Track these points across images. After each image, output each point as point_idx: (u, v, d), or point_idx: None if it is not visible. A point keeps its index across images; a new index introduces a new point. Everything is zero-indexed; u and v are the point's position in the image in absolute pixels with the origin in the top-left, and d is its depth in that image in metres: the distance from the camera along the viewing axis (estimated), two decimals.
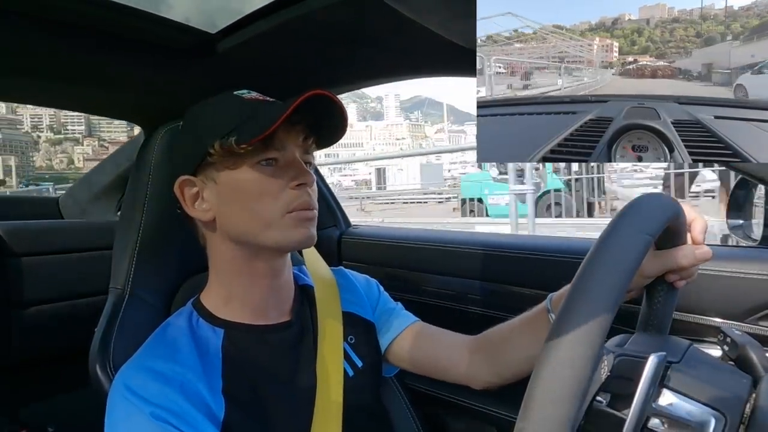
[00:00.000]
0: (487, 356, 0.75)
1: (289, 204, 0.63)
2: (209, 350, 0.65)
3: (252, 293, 0.69)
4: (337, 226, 1.41)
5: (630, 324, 0.59)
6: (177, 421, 0.57)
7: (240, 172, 0.63)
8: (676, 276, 0.58)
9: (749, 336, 0.51)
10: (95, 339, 0.73)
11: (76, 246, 1.38)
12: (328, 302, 0.78)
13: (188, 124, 0.69)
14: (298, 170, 0.64)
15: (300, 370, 0.70)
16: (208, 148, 0.62)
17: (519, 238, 1.12)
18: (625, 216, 0.43)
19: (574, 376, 0.36)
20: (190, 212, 0.67)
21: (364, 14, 0.74)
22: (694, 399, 0.42)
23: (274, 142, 0.63)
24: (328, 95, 0.62)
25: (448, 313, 1.12)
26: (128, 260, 0.79)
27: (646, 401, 0.41)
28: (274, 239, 0.64)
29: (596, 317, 0.37)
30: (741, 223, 0.88)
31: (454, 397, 1.09)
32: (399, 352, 0.81)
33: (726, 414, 0.41)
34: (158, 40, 0.83)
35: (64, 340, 1.32)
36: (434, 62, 0.90)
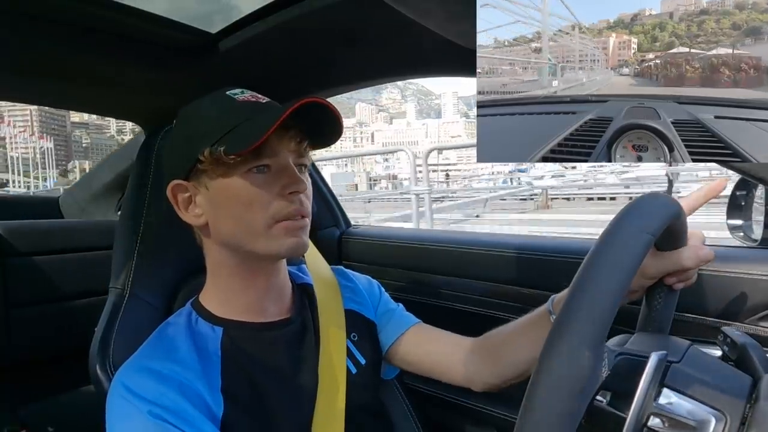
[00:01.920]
0: (488, 358, 0.75)
1: (279, 213, 0.62)
2: (208, 349, 0.65)
3: (248, 294, 0.69)
4: (337, 226, 1.41)
5: (630, 324, 0.59)
6: (175, 419, 0.57)
7: (231, 180, 0.62)
8: (675, 279, 0.58)
9: (749, 336, 0.51)
10: (95, 339, 0.74)
11: (76, 246, 1.38)
12: (329, 300, 0.78)
13: (179, 128, 0.68)
14: (291, 177, 0.63)
15: (301, 368, 0.70)
16: (198, 155, 0.62)
17: (519, 238, 1.12)
18: (626, 215, 0.43)
19: (574, 374, 0.36)
20: (183, 217, 0.67)
21: (364, 14, 0.74)
22: (694, 398, 0.42)
23: (265, 150, 0.62)
24: (320, 102, 0.61)
25: (448, 313, 1.12)
26: (128, 260, 0.79)
27: (647, 400, 0.41)
28: (263, 248, 0.63)
29: (598, 314, 0.37)
30: (741, 223, 0.88)
31: (454, 398, 1.09)
32: (400, 353, 0.81)
33: (726, 414, 0.41)
34: (158, 39, 0.83)
35: (64, 340, 1.32)
36: (434, 62, 0.90)
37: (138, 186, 0.82)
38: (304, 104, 0.58)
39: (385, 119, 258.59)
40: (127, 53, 0.84)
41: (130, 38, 0.80)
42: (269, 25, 0.77)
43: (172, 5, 0.78)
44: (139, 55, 0.85)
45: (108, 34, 0.77)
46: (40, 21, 0.71)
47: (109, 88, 0.98)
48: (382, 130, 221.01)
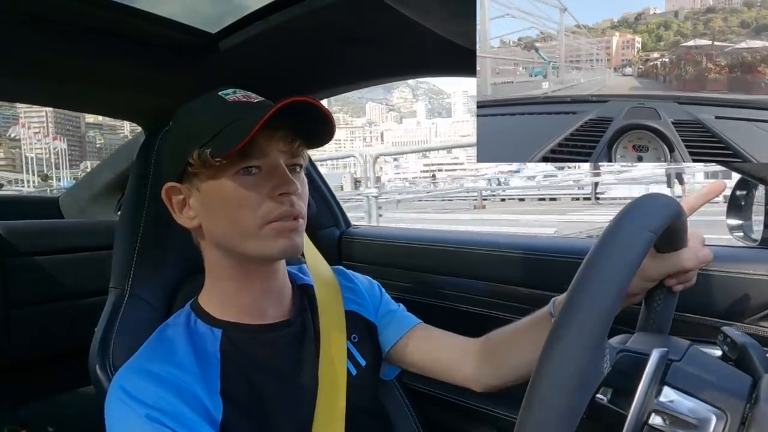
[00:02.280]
0: (489, 359, 0.75)
1: (269, 214, 0.61)
2: (207, 351, 0.65)
3: (246, 296, 0.68)
4: (337, 226, 1.41)
5: (630, 325, 0.59)
6: (173, 423, 0.56)
7: (220, 182, 0.61)
8: (675, 280, 0.58)
9: (749, 336, 0.51)
10: (95, 339, 0.73)
11: (76, 246, 1.38)
12: (329, 301, 0.77)
13: (174, 129, 0.68)
14: (281, 178, 0.62)
15: (301, 369, 0.69)
16: (188, 158, 0.61)
17: (519, 238, 1.12)
18: (627, 213, 0.43)
19: (575, 371, 0.36)
20: (177, 219, 0.66)
21: (363, 14, 0.74)
22: (695, 397, 0.42)
23: (254, 151, 0.61)
24: (307, 101, 0.59)
25: (449, 313, 1.12)
26: (128, 260, 0.79)
27: (648, 398, 0.41)
28: (255, 249, 0.63)
29: (599, 310, 0.37)
30: (741, 223, 0.88)
31: (454, 398, 1.09)
32: (401, 354, 0.81)
33: (727, 412, 0.41)
34: (159, 39, 0.83)
35: (64, 340, 1.32)
36: (434, 62, 0.90)
37: (138, 186, 0.82)
38: (290, 104, 0.57)
39: (395, 119, 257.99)
40: (128, 53, 0.84)
41: (130, 38, 0.80)
42: (269, 24, 0.77)
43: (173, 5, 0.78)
44: (139, 55, 0.85)
45: (108, 34, 0.77)
46: (41, 21, 0.71)
47: (109, 88, 0.98)
48: (392, 129, 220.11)
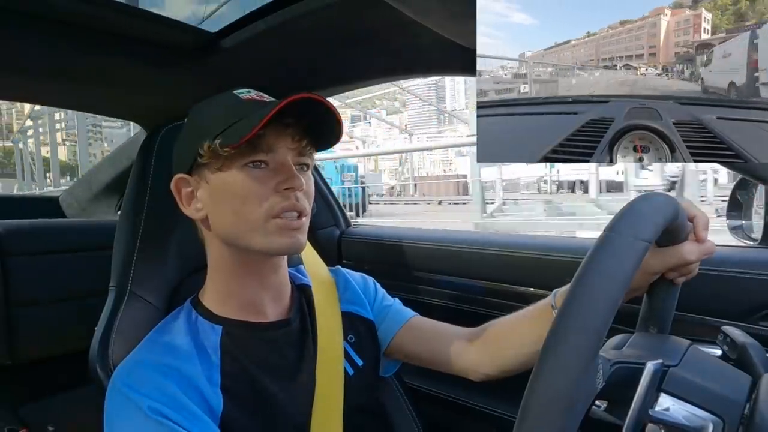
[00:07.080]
0: (488, 348, 0.75)
1: (273, 208, 0.62)
2: (207, 346, 0.65)
3: (246, 292, 0.69)
4: (337, 226, 1.41)
5: (630, 324, 0.59)
6: (174, 415, 0.57)
7: (228, 174, 0.63)
8: (677, 273, 0.58)
9: (749, 336, 0.51)
10: (95, 338, 0.73)
11: (76, 245, 1.38)
12: (326, 302, 0.78)
13: (187, 123, 0.70)
14: (288, 174, 0.63)
15: (299, 368, 0.70)
16: (199, 149, 0.63)
17: (519, 238, 1.12)
18: (619, 220, 0.42)
19: (567, 389, 0.36)
20: (184, 210, 0.68)
21: (363, 14, 0.74)
22: (692, 402, 0.42)
23: (262, 145, 0.62)
24: (315, 99, 0.61)
25: (449, 312, 1.12)
26: (128, 259, 0.79)
27: (643, 409, 0.41)
28: (258, 243, 0.64)
29: (588, 332, 0.37)
30: (741, 223, 0.88)
31: (453, 397, 1.09)
32: (399, 346, 0.81)
33: (724, 418, 0.41)
34: (159, 39, 0.83)
35: (64, 340, 1.32)
36: (434, 62, 0.90)
37: (138, 185, 0.82)
38: (301, 101, 0.59)
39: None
40: (128, 53, 0.84)
41: (130, 38, 0.80)
42: (269, 24, 0.77)
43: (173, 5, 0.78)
44: (139, 55, 0.85)
45: (108, 34, 0.77)
46: (41, 21, 0.71)
47: (109, 88, 0.97)
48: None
